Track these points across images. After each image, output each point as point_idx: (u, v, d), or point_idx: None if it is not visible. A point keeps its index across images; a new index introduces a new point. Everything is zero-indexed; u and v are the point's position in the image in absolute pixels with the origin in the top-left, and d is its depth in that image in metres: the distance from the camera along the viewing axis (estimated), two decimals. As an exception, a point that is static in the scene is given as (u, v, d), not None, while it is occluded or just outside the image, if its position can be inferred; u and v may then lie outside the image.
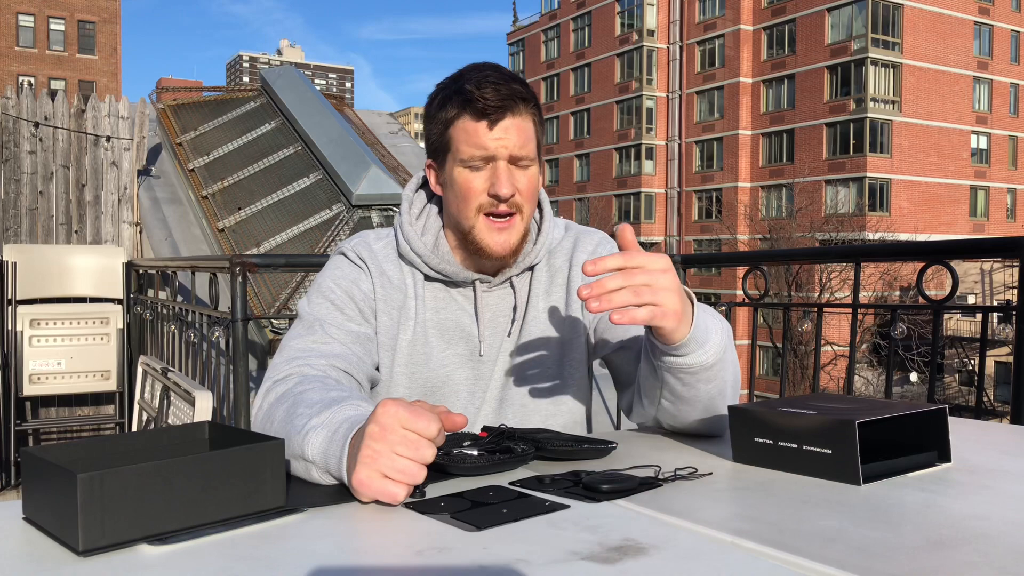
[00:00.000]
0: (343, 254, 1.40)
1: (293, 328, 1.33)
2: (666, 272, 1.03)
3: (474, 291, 1.39)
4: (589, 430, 1.50)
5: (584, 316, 1.42)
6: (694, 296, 1.14)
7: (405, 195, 1.43)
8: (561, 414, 1.42)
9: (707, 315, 1.15)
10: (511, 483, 0.96)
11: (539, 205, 1.44)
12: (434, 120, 1.32)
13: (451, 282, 1.39)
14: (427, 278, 1.39)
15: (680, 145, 42.35)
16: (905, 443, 1.03)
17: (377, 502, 0.88)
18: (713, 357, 1.13)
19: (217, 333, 3.33)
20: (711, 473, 1.01)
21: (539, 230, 1.42)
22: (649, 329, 1.12)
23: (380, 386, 1.37)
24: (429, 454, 0.90)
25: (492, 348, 1.39)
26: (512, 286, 1.41)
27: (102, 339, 4.97)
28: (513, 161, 1.29)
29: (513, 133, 1.27)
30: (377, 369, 1.36)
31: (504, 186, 1.27)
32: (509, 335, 1.40)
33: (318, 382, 1.16)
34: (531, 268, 1.42)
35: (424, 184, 1.45)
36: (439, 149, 1.33)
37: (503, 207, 1.29)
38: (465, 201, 1.30)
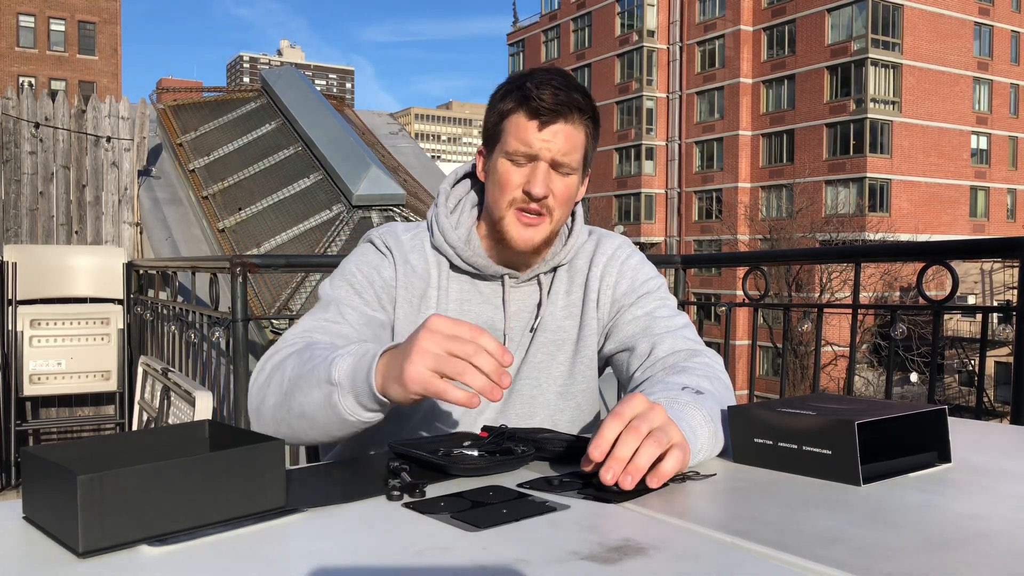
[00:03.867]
0: (371, 241, 1.43)
1: (312, 309, 1.37)
2: (654, 408, 0.97)
3: (502, 285, 1.42)
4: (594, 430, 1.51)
5: (599, 314, 1.44)
6: (681, 400, 1.10)
7: (442, 188, 1.46)
8: (568, 409, 1.44)
9: (694, 416, 1.06)
10: (519, 484, 0.96)
11: (572, 213, 1.47)
12: (493, 109, 1.36)
13: (479, 275, 1.41)
14: (456, 269, 1.42)
15: (680, 145, 42.34)
16: (905, 443, 1.03)
17: (376, 501, 0.88)
18: (700, 458, 1.06)
19: (217, 333, 3.34)
20: (715, 474, 1.01)
21: (569, 233, 1.46)
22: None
23: None
24: (483, 360, 0.94)
25: (513, 342, 1.42)
26: (539, 283, 1.44)
27: (102, 339, 4.97)
28: (555, 166, 1.32)
29: (561, 138, 1.30)
30: None
31: (539, 186, 1.30)
32: (531, 330, 1.43)
33: (328, 344, 1.21)
34: (556, 268, 1.46)
35: (460, 180, 1.48)
36: (491, 137, 1.36)
37: (534, 206, 1.32)
38: (501, 191, 1.33)
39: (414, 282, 1.39)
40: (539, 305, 1.43)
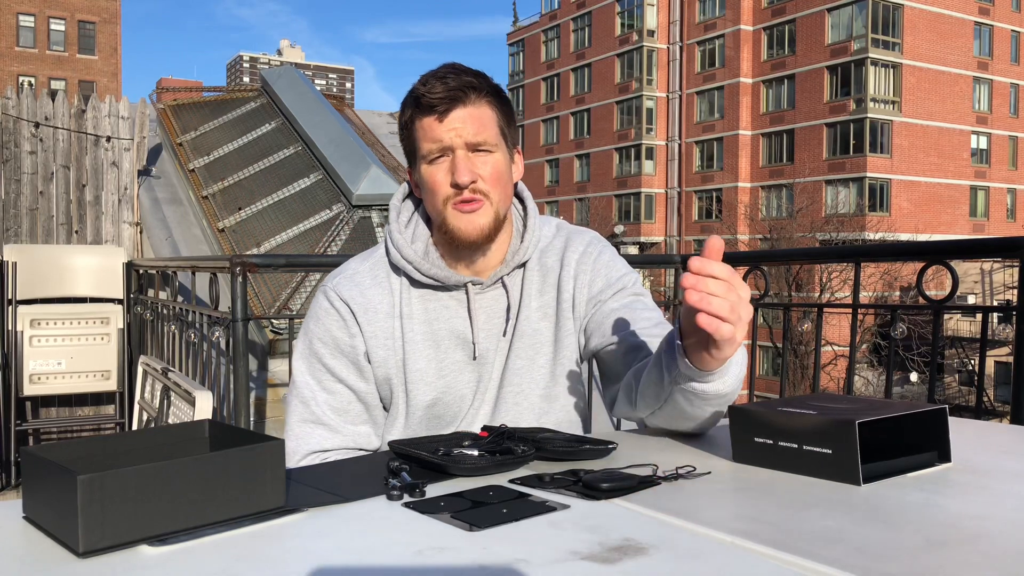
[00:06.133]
0: (326, 297, 1.39)
1: (292, 403, 1.38)
2: (749, 303, 1.03)
3: (467, 294, 1.38)
4: (588, 430, 1.50)
5: (575, 314, 1.41)
6: None
7: (393, 205, 1.44)
8: (554, 411, 1.42)
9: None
10: (511, 481, 0.96)
11: (523, 203, 1.45)
12: (401, 128, 1.37)
13: (443, 287, 1.38)
14: (418, 284, 1.39)
15: (680, 145, 42.33)
16: (905, 443, 1.02)
17: (376, 501, 0.88)
18: (731, 387, 1.11)
19: (217, 333, 3.34)
20: (709, 472, 1.01)
21: (525, 227, 1.42)
22: (674, 346, 1.10)
23: (394, 398, 1.39)
24: None
25: (488, 349, 1.39)
26: (504, 286, 1.41)
27: (102, 339, 4.97)
28: (472, 148, 1.30)
29: (468, 122, 1.29)
30: (390, 389, 1.39)
31: (463, 173, 1.29)
32: (504, 335, 1.40)
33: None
34: (522, 266, 1.42)
35: (410, 194, 1.46)
36: (410, 154, 1.37)
37: (467, 194, 1.30)
38: (434, 195, 1.33)
39: (380, 324, 1.37)
40: (508, 309, 1.40)
